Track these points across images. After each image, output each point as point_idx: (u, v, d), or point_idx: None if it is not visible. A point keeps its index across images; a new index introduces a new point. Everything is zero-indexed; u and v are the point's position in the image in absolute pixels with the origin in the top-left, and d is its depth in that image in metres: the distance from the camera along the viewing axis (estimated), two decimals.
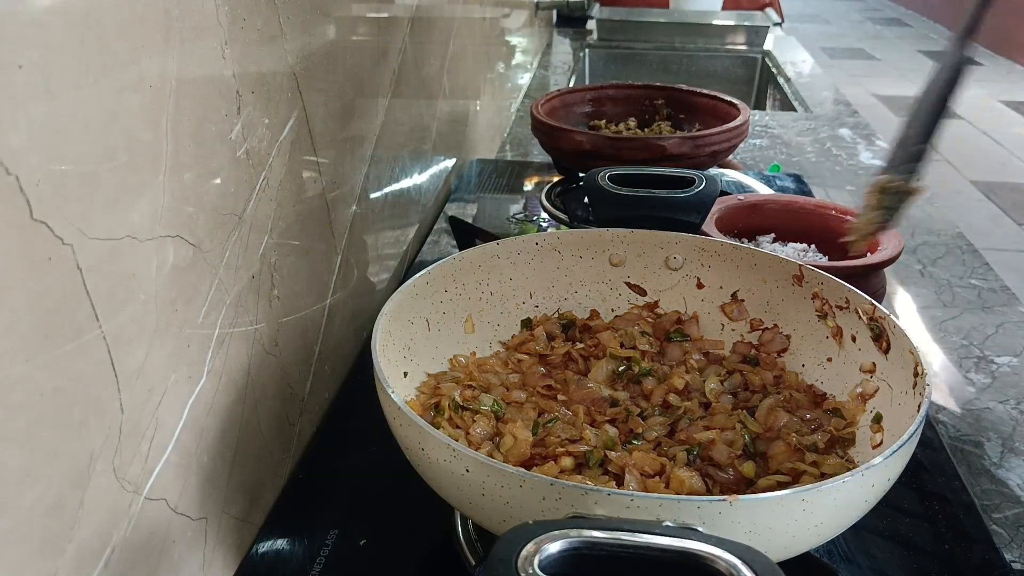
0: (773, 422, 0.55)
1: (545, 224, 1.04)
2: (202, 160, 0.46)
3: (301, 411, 0.63)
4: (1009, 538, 0.57)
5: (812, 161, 1.34)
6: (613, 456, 0.50)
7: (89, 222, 0.36)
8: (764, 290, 0.64)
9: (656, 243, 0.67)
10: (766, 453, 0.53)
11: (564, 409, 0.56)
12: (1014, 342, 0.81)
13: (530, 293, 0.67)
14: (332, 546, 0.54)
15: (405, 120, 0.89)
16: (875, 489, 0.42)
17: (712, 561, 0.33)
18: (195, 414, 0.47)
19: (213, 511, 0.50)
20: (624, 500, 0.38)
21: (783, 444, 0.52)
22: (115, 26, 0.37)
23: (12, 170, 0.31)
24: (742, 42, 2.28)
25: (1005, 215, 2.79)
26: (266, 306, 0.55)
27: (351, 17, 0.69)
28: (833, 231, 0.81)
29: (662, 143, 0.95)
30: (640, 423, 0.55)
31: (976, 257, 0.99)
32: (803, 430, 0.54)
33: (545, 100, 1.10)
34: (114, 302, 0.38)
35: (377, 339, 0.51)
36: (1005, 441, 0.67)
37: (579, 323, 0.66)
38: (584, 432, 0.52)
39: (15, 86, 0.31)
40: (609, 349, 0.62)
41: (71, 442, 0.36)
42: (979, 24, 0.52)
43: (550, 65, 2.07)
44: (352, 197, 0.72)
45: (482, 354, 0.63)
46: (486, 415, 0.54)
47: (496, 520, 0.42)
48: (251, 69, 0.51)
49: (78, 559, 0.37)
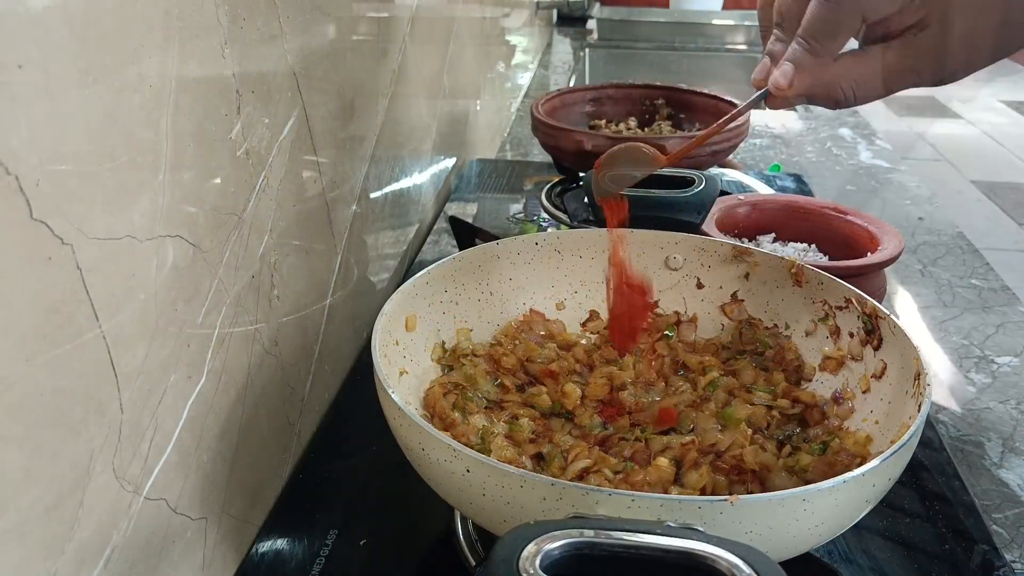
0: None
1: (545, 224, 1.04)
2: (202, 160, 0.46)
3: (301, 411, 0.63)
4: (1009, 538, 0.57)
5: (812, 161, 1.34)
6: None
7: (89, 222, 0.36)
8: (764, 290, 0.64)
9: (656, 243, 0.67)
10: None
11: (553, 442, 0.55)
12: (1014, 342, 0.81)
13: (531, 293, 0.67)
14: (332, 546, 0.54)
15: (405, 120, 0.89)
16: (876, 489, 0.42)
17: (713, 561, 0.33)
18: (195, 414, 0.47)
19: (213, 511, 0.50)
20: (625, 500, 0.38)
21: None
22: (115, 26, 0.37)
23: (12, 170, 0.31)
24: (742, 42, 2.28)
25: (1005, 215, 2.78)
26: (266, 306, 0.55)
27: (351, 17, 0.69)
28: (833, 231, 0.81)
29: (662, 143, 0.95)
30: (626, 444, 0.54)
31: (976, 257, 0.99)
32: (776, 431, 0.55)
33: (545, 100, 1.10)
34: (114, 302, 0.38)
35: (377, 339, 0.51)
36: (1005, 441, 0.67)
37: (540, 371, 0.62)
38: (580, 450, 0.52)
39: (15, 86, 0.31)
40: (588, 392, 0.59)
41: (71, 442, 0.36)
42: None
43: (550, 65, 2.07)
44: (352, 197, 0.72)
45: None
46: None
47: (497, 520, 0.42)
48: (251, 69, 0.51)
49: (78, 559, 0.37)
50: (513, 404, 0.57)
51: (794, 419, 0.57)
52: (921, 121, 3.77)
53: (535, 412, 0.57)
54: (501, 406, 0.57)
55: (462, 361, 0.60)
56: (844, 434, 0.54)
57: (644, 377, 0.60)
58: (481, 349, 0.62)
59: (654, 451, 0.52)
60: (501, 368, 0.61)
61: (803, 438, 0.55)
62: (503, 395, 0.58)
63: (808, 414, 0.57)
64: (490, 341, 0.64)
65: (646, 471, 0.49)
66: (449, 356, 0.61)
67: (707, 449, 0.52)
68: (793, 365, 0.61)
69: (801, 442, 0.54)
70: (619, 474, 0.49)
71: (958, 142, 3.48)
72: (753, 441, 0.53)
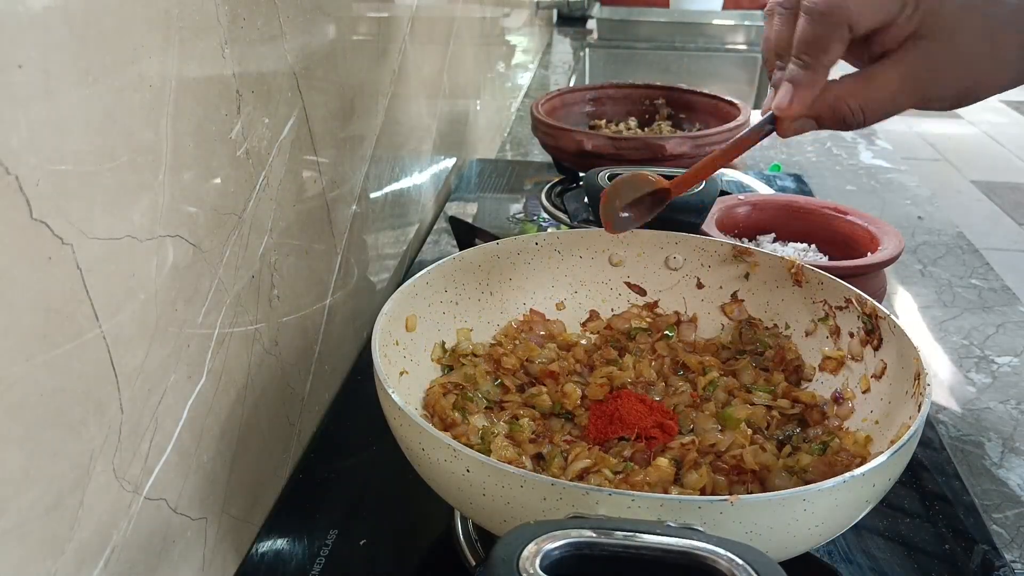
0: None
1: (545, 224, 1.04)
2: (202, 160, 0.46)
3: (301, 411, 0.63)
4: (1009, 538, 0.57)
5: (812, 161, 1.34)
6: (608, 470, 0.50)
7: (89, 222, 0.36)
8: (764, 290, 0.64)
9: (656, 243, 0.67)
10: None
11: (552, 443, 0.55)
12: (1014, 342, 0.81)
13: (531, 293, 0.67)
14: (332, 546, 0.54)
15: (405, 120, 0.89)
16: (876, 489, 0.42)
17: (713, 561, 0.33)
18: (195, 414, 0.47)
19: (213, 511, 0.50)
20: (625, 500, 0.38)
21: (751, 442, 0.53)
22: (115, 26, 0.37)
23: (12, 170, 0.31)
24: (742, 42, 2.28)
25: (1005, 215, 2.78)
26: (266, 306, 0.55)
27: (351, 17, 0.69)
28: (833, 231, 0.81)
29: (662, 143, 0.95)
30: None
31: (976, 257, 0.99)
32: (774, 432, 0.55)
33: (545, 100, 1.10)
34: (114, 302, 0.38)
35: (377, 339, 0.51)
36: (1005, 441, 0.67)
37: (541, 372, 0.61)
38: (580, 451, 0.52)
39: (15, 86, 0.31)
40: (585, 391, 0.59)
41: (71, 442, 0.36)
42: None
43: (550, 65, 2.07)
44: (352, 197, 0.72)
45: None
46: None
47: (497, 520, 0.42)
48: (251, 69, 0.51)
49: (78, 559, 0.37)
50: (513, 404, 0.57)
51: (794, 419, 0.57)
52: (921, 121, 3.77)
53: (535, 412, 0.57)
54: (501, 406, 0.58)
55: (462, 361, 0.60)
56: (844, 434, 0.53)
57: (644, 377, 0.60)
58: (481, 349, 0.62)
59: (654, 451, 0.52)
60: (501, 368, 0.61)
61: (803, 438, 0.55)
62: (503, 395, 0.58)
63: (808, 414, 0.57)
64: (490, 341, 0.64)
65: (646, 471, 0.49)
66: (449, 356, 0.61)
67: (707, 449, 0.52)
68: (793, 365, 0.61)
69: (801, 442, 0.54)
70: (619, 474, 0.49)
71: (958, 142, 3.48)
72: (753, 441, 0.53)
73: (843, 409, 0.56)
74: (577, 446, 0.53)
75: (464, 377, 0.59)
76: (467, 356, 0.61)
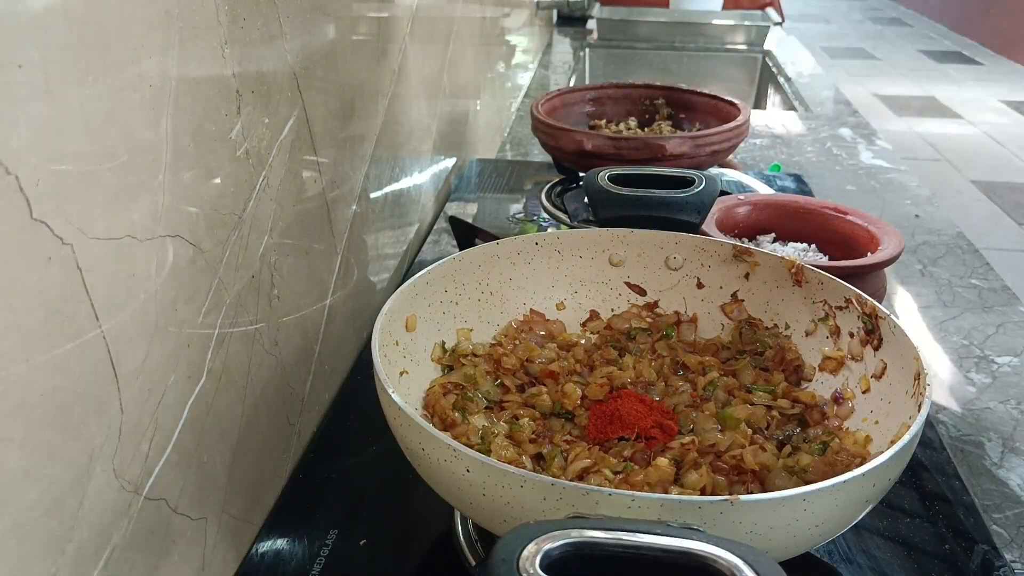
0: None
1: (545, 224, 1.04)
2: (202, 160, 0.46)
3: (301, 411, 0.63)
4: (1009, 538, 0.57)
5: (812, 161, 1.34)
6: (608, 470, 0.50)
7: (89, 222, 0.36)
8: (764, 290, 0.64)
9: (656, 243, 0.67)
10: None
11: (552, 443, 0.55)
12: (1015, 342, 0.81)
13: (531, 293, 0.67)
14: (332, 546, 0.54)
15: (405, 120, 0.89)
16: (876, 489, 0.42)
17: (714, 561, 0.33)
18: (195, 414, 0.47)
19: (213, 511, 0.50)
20: (625, 500, 0.38)
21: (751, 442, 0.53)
22: (115, 26, 0.37)
23: (12, 170, 0.31)
24: (742, 42, 2.28)
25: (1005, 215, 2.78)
26: (266, 306, 0.55)
27: (351, 17, 0.69)
28: (833, 231, 0.81)
29: (662, 143, 0.95)
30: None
31: (976, 257, 0.99)
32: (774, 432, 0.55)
33: (545, 100, 1.10)
34: (114, 302, 0.38)
35: (377, 339, 0.51)
36: (1006, 441, 0.67)
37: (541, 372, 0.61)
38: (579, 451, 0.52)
39: (15, 86, 0.31)
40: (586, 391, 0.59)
41: (71, 442, 0.36)
42: None
43: (550, 65, 2.07)
44: (352, 197, 0.72)
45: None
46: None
47: (497, 520, 0.42)
48: (251, 69, 0.51)
49: (78, 559, 0.37)
50: (513, 404, 0.57)
51: (794, 419, 0.57)
52: (921, 121, 3.77)
53: (535, 412, 0.57)
54: (501, 406, 0.58)
55: (462, 361, 0.60)
56: (844, 434, 0.53)
57: (644, 377, 0.60)
58: (481, 349, 0.62)
59: (654, 451, 0.52)
60: (501, 368, 0.61)
61: (803, 438, 0.55)
62: (503, 395, 0.58)
63: (808, 414, 0.57)
64: (490, 341, 0.64)
65: (646, 471, 0.49)
66: (449, 356, 0.61)
67: (707, 449, 0.52)
68: (793, 365, 0.61)
69: (801, 442, 0.54)
70: (619, 474, 0.49)
71: (958, 142, 3.48)
72: (753, 441, 0.53)
73: (843, 409, 0.56)
74: (577, 446, 0.53)
75: (464, 377, 0.59)
76: (467, 356, 0.61)
